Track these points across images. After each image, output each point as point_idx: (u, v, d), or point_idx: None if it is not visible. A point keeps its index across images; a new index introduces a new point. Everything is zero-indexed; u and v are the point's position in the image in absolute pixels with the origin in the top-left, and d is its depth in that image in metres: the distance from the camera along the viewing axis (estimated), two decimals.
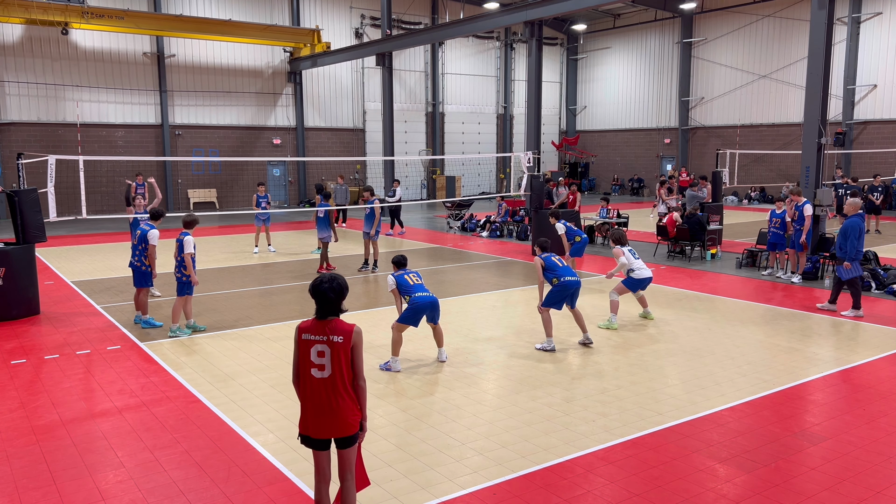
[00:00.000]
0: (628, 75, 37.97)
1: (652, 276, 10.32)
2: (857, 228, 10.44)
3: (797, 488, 5.21)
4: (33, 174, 16.39)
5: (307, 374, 4.21)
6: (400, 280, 8.14)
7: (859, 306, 10.61)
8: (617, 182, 38.09)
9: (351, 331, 4.19)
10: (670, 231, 16.32)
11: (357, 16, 32.32)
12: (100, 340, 9.38)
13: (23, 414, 6.75)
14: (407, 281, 8.14)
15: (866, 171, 27.61)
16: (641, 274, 10.05)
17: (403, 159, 33.12)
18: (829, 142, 14.80)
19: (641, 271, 10.07)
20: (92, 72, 26.24)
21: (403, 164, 33.29)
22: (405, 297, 8.09)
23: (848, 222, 10.58)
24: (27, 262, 10.77)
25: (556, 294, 8.83)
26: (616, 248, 10.24)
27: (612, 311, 10.08)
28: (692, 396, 7.14)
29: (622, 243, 10.22)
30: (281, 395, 7.23)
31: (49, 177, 11.78)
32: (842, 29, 28.25)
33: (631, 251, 10.18)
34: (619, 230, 10.47)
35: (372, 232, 14.33)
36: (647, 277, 10.11)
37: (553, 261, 8.98)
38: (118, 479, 5.40)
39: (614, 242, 10.30)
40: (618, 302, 10.16)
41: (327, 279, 4.22)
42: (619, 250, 10.19)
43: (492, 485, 5.27)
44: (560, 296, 8.84)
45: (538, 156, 19.15)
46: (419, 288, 8.11)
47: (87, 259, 16.40)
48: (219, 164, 29.32)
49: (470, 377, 7.80)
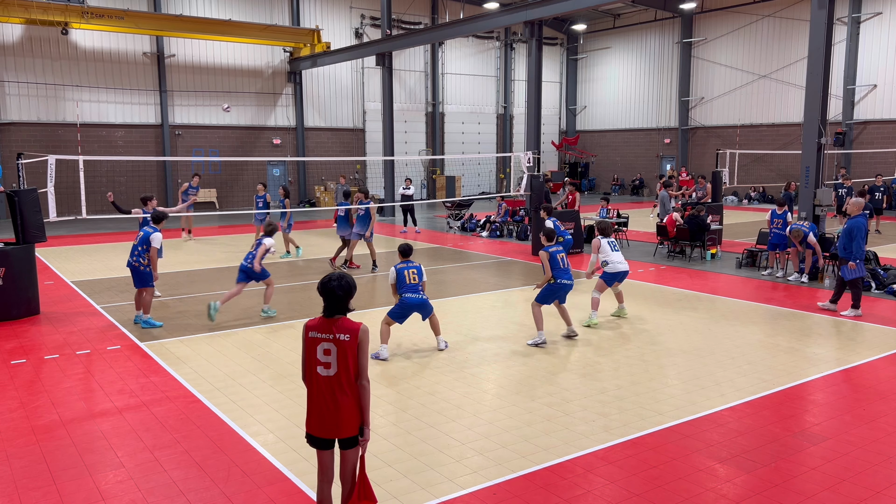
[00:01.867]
0: (628, 75, 37.97)
1: (629, 269, 10.33)
2: (862, 228, 10.35)
3: (797, 488, 5.21)
4: (33, 174, 16.39)
5: (313, 372, 4.22)
6: (399, 274, 8.42)
7: (858, 306, 10.62)
8: (617, 182, 38.09)
9: (358, 329, 4.20)
10: (670, 231, 16.32)
11: (357, 16, 32.32)
12: (100, 340, 9.38)
13: (23, 414, 6.75)
14: (404, 278, 8.41)
15: (866, 171, 27.61)
16: (616, 267, 10.05)
17: (403, 159, 33.11)
18: (829, 142, 14.80)
19: (617, 264, 10.06)
20: (92, 72, 26.24)
21: (403, 164, 33.28)
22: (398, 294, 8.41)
23: (852, 222, 10.45)
24: (27, 262, 10.77)
25: (550, 292, 9.08)
26: (596, 238, 10.22)
27: (593, 308, 10.12)
28: (692, 396, 7.14)
29: (606, 234, 10.20)
30: (281, 395, 7.23)
31: (49, 177, 11.79)
32: (842, 29, 28.25)
33: (611, 243, 10.17)
34: (606, 221, 10.51)
35: (367, 234, 14.35)
36: (623, 271, 10.11)
37: (557, 259, 9.06)
38: (118, 479, 5.40)
39: (599, 232, 10.28)
40: (598, 299, 10.17)
41: (336, 277, 4.23)
42: (598, 241, 10.15)
43: (492, 485, 5.27)
44: (553, 295, 9.12)
45: (538, 156, 19.15)
46: (411, 288, 8.38)
47: (87, 259, 16.40)
48: (219, 164, 29.32)
49: (470, 377, 7.80)
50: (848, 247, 10.41)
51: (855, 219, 10.49)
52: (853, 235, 10.32)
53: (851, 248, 10.37)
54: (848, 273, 10.44)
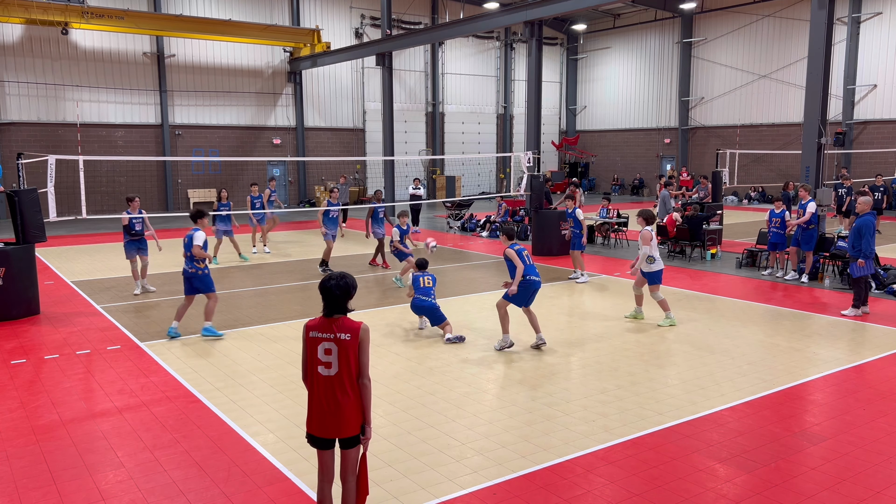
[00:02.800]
0: (628, 75, 37.96)
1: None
2: (871, 226, 10.35)
3: (797, 488, 5.21)
4: (33, 174, 16.37)
5: (314, 373, 4.22)
6: (415, 281, 9.80)
7: (858, 306, 10.56)
8: (617, 182, 38.08)
9: (358, 328, 4.20)
10: (670, 231, 16.33)
11: (357, 16, 32.31)
12: (100, 340, 9.38)
13: (23, 414, 6.75)
14: (419, 283, 9.75)
15: (866, 170, 27.61)
16: (661, 264, 9.99)
17: (403, 159, 33.11)
18: (829, 142, 14.80)
19: (660, 262, 9.99)
20: (92, 72, 26.24)
21: (403, 163, 33.29)
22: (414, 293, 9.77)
23: (861, 220, 10.47)
24: (27, 262, 10.77)
25: (523, 289, 8.65)
26: (646, 229, 9.81)
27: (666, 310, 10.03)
28: (692, 396, 7.14)
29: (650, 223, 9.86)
30: (281, 395, 7.23)
31: (49, 177, 11.79)
32: (842, 29, 28.24)
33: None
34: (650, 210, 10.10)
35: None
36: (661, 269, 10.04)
37: (524, 255, 8.72)
38: (118, 479, 5.40)
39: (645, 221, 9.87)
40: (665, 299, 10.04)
41: (335, 277, 4.23)
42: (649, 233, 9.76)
43: (492, 485, 5.26)
44: (524, 294, 8.68)
45: (538, 156, 19.16)
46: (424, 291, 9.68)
47: (87, 259, 16.40)
48: (219, 164, 29.32)
49: (470, 377, 7.80)
50: (857, 245, 10.41)
51: (864, 217, 10.51)
52: (862, 233, 10.32)
53: (860, 246, 10.36)
54: (857, 270, 10.46)
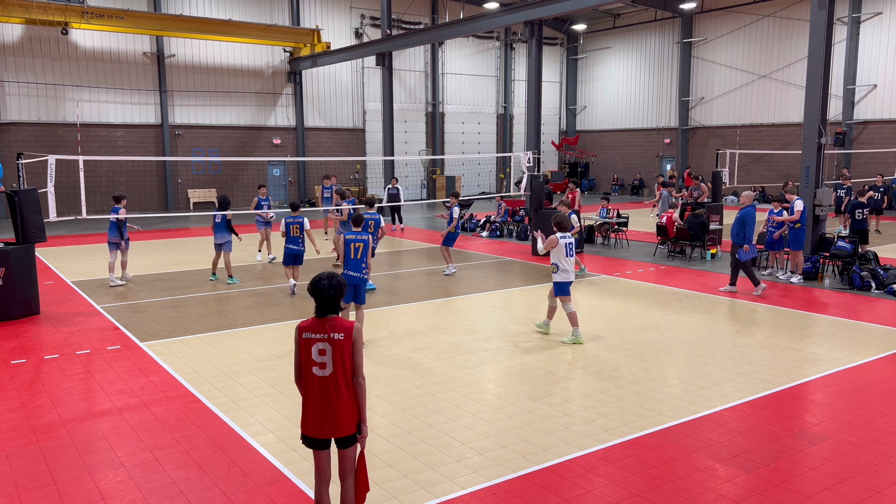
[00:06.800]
0: (628, 75, 37.96)
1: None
2: (752, 216, 11.97)
3: (797, 488, 5.21)
4: (33, 174, 16.39)
5: (308, 373, 4.22)
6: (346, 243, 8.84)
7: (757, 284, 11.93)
8: (617, 182, 38.08)
9: (351, 328, 4.20)
10: (670, 231, 16.33)
11: (357, 16, 32.31)
12: (100, 340, 9.38)
13: (23, 414, 6.75)
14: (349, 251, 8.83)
15: (866, 170, 27.61)
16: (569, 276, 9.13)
17: (403, 159, 33.12)
18: (829, 142, 14.80)
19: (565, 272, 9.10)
20: (92, 72, 26.24)
21: (403, 164, 33.30)
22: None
23: (744, 211, 12.01)
24: (27, 262, 10.77)
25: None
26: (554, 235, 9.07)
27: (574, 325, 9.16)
28: (692, 396, 7.14)
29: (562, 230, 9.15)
30: (281, 395, 7.23)
31: (49, 177, 11.79)
32: (842, 29, 28.24)
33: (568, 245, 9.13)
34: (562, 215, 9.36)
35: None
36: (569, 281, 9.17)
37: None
38: (118, 479, 5.40)
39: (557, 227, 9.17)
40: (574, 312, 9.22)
41: (326, 277, 4.23)
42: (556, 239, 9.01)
43: (492, 485, 5.26)
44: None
45: (538, 156, 19.16)
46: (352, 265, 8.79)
47: (87, 259, 16.39)
48: (219, 164, 29.32)
49: (470, 377, 7.80)
50: (741, 232, 11.89)
51: (746, 208, 12.09)
52: (746, 223, 11.89)
53: (744, 234, 11.86)
54: (743, 255, 11.88)
